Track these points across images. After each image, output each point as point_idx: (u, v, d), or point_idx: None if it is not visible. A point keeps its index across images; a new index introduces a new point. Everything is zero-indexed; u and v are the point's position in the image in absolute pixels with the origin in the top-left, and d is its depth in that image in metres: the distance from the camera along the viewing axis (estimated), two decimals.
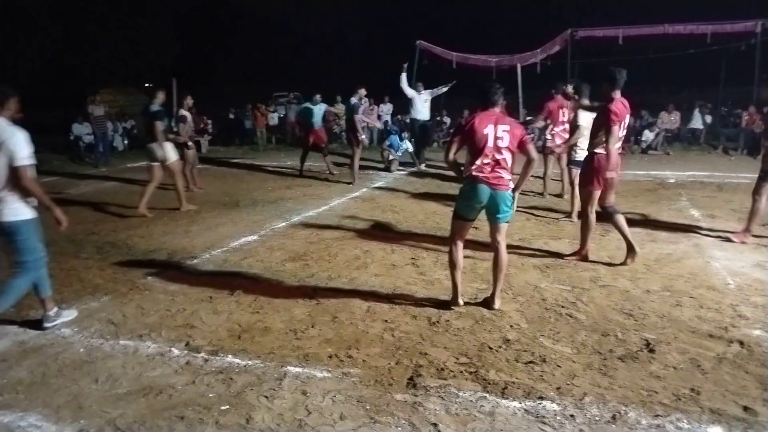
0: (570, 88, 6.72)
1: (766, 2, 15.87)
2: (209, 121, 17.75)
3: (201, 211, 8.12)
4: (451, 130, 17.03)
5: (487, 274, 5.13)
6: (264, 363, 3.54)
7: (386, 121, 17.64)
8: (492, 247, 4.37)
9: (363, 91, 10.61)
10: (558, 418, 2.91)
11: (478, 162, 4.15)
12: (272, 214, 7.84)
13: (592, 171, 5.35)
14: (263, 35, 33.71)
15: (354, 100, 10.42)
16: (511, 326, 4.06)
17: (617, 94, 5.20)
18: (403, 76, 12.32)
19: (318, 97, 11.47)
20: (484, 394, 3.15)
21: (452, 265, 4.38)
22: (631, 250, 5.36)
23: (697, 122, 16.24)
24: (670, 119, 16.04)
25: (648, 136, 15.18)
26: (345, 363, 3.53)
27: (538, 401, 3.07)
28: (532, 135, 11.17)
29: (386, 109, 17.91)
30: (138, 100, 20.01)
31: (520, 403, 3.06)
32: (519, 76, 15.13)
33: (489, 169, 4.14)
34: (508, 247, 5.76)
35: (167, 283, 5.07)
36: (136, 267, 5.54)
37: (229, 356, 3.65)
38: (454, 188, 9.49)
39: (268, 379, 3.34)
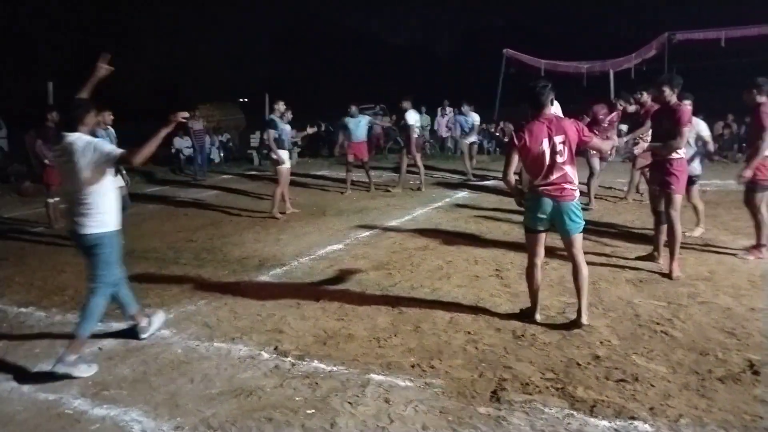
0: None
1: None
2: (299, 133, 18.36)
3: (290, 220, 8.41)
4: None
5: (561, 284, 4.97)
6: (348, 369, 3.61)
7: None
8: (570, 262, 4.20)
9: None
10: None
11: (539, 182, 4.01)
12: (357, 224, 8.00)
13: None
14: (353, 48, 34.55)
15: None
16: (601, 342, 3.90)
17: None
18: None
19: (354, 109, 10.89)
20: (572, 412, 3.04)
21: (528, 280, 4.31)
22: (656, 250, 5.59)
23: None
24: None
25: None
26: (427, 373, 3.53)
27: (630, 421, 2.93)
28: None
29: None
30: (233, 115, 21.09)
31: (610, 422, 2.93)
32: (611, 83, 14.58)
33: (552, 187, 3.99)
34: (599, 258, 5.56)
35: (258, 289, 5.29)
36: (230, 273, 5.84)
37: (315, 361, 3.75)
38: None
39: (351, 385, 3.41)
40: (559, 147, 3.95)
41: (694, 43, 15.42)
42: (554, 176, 3.98)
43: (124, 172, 6.89)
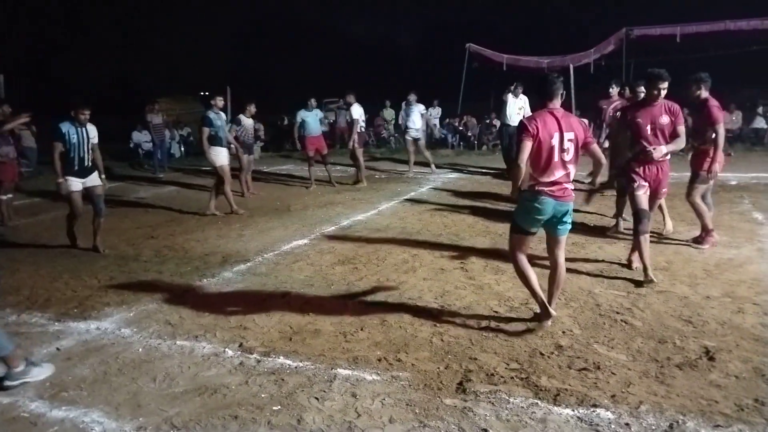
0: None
1: None
2: (261, 127, 18.16)
3: (254, 215, 8.31)
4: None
5: (540, 280, 5.05)
6: (314, 365, 3.59)
7: (434, 125, 17.64)
8: (550, 261, 4.10)
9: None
10: (613, 426, 2.83)
11: (543, 179, 3.81)
12: (322, 218, 7.95)
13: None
14: (315, 42, 34.24)
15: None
16: (563, 332, 3.98)
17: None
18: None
19: (313, 101, 10.64)
20: (536, 401, 3.09)
21: (523, 277, 4.03)
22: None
23: (760, 122, 15.52)
24: (732, 119, 15.38)
25: None
26: (394, 366, 3.54)
27: (592, 409, 2.99)
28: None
29: (435, 113, 17.88)
30: (193, 108, 20.69)
31: (573, 410, 2.99)
32: (572, 77, 14.84)
33: (555, 187, 3.82)
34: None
35: (222, 285, 5.22)
36: (192, 270, 5.73)
37: (281, 357, 3.72)
38: (504, 189, 9.43)
39: (318, 380, 3.39)
40: (567, 144, 3.78)
41: (650, 38, 15.83)
42: (558, 174, 3.80)
43: (101, 172, 6.58)
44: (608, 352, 3.64)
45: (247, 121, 10.16)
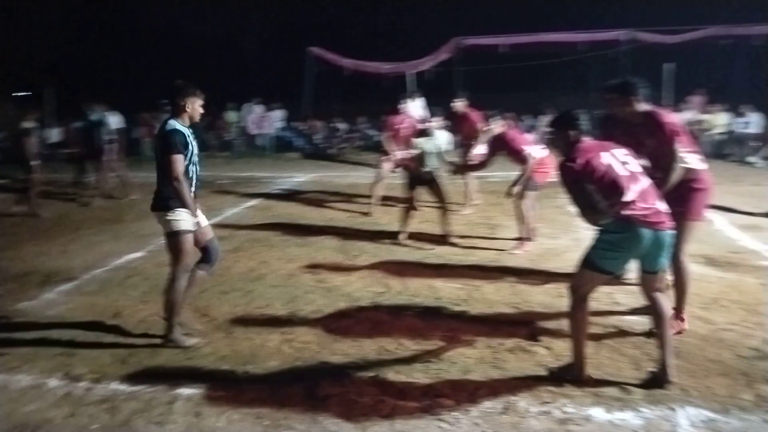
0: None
1: (630, 13, 17.43)
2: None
3: (81, 228, 7.57)
4: (345, 136, 17.18)
5: (386, 279, 5.21)
6: (153, 387, 3.34)
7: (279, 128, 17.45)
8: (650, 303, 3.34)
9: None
10: (454, 413, 2.99)
11: (626, 199, 3.09)
12: (159, 229, 7.39)
13: None
14: (152, 38, 32.10)
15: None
16: (408, 328, 4.12)
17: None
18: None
19: (96, 108, 9.88)
20: (383, 398, 3.17)
21: (578, 329, 3.30)
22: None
23: None
24: (547, 122, 17.12)
25: None
26: (241, 380, 3.42)
27: (435, 399, 3.13)
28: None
29: (279, 115, 17.62)
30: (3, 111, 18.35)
31: (419, 402, 3.11)
32: (407, 84, 15.50)
33: (642, 205, 3.10)
34: (404, 249, 5.86)
35: (43, 309, 4.67)
36: (5, 293, 5.06)
37: (114, 383, 3.41)
38: (357, 190, 9.56)
39: (157, 404, 3.16)
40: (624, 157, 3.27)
41: (479, 48, 17.07)
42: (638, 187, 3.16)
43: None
44: (449, 343, 3.84)
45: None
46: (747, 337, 3.83)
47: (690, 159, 3.86)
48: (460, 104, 8.48)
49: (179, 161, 3.77)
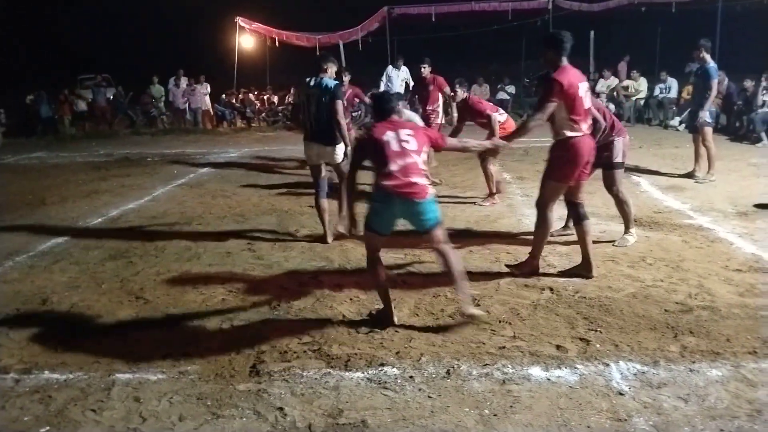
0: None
1: None
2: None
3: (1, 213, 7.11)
4: (279, 109, 16.85)
5: (326, 252, 5.19)
6: (88, 374, 3.22)
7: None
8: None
9: None
10: (398, 381, 3.04)
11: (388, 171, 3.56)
12: (85, 210, 7.12)
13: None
14: (62, 8, 30.06)
15: None
16: (350, 299, 4.13)
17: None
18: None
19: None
20: (328, 370, 3.18)
21: (377, 281, 3.79)
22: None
23: (503, 95, 17.71)
24: (481, 91, 17.31)
25: None
26: (181, 362, 3.33)
27: (380, 368, 3.17)
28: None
29: (207, 89, 16.96)
30: None
31: (363, 372, 3.14)
32: (342, 54, 15.28)
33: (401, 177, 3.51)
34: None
35: None
36: None
37: (46, 372, 3.26)
38: (294, 164, 9.42)
39: (93, 391, 3.05)
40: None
41: (410, 17, 16.97)
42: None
43: None
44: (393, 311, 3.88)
45: None
46: (672, 292, 4.06)
47: None
48: (426, 70, 8.51)
49: None
